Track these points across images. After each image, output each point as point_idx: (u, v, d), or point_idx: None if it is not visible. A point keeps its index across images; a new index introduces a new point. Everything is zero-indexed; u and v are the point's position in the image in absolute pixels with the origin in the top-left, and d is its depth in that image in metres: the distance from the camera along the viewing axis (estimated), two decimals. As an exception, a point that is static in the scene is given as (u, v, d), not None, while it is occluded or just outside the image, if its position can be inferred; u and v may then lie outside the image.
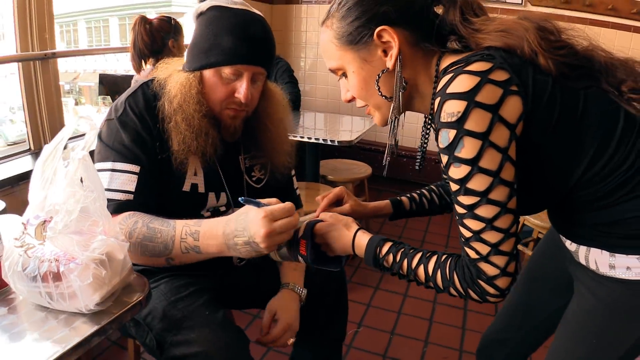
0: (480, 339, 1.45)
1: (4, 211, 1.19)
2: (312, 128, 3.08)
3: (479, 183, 0.81)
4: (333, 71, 1.02)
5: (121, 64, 4.14)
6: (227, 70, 1.20)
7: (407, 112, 1.04)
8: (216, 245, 1.06)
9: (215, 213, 1.33)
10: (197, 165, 1.27)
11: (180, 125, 1.19)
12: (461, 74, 0.81)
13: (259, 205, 1.02)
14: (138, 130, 1.19)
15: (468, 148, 0.79)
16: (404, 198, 1.31)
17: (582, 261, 1.00)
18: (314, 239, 1.06)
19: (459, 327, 2.40)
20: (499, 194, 0.81)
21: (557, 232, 1.08)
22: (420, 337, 2.30)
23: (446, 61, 0.92)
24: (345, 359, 2.13)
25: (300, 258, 1.07)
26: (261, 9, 1.31)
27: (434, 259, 0.93)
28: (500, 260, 0.84)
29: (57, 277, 0.84)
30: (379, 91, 0.96)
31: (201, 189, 1.29)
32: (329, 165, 3.41)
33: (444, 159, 0.84)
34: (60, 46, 2.28)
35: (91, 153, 0.90)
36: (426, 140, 1.08)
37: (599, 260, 0.95)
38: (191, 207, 1.28)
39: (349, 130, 3.09)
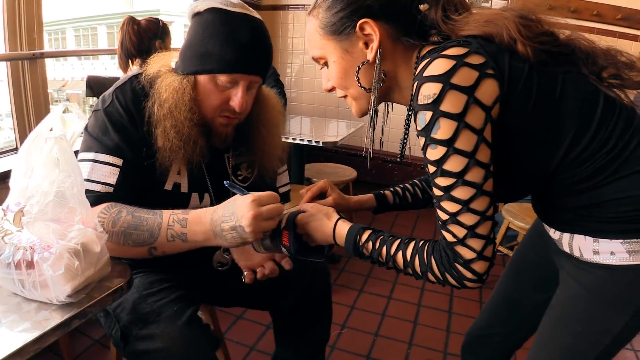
0: (465, 335, 1.45)
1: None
2: (297, 132, 3.11)
3: (454, 164, 0.82)
4: (316, 60, 1.05)
5: (109, 72, 4.15)
6: (223, 78, 1.16)
7: (392, 118, 1.06)
8: (203, 232, 1.04)
9: None
10: (182, 165, 1.24)
11: (169, 132, 1.16)
12: (437, 58, 0.83)
13: (243, 192, 1.03)
14: (124, 124, 1.16)
15: (444, 129, 0.81)
16: (387, 192, 1.32)
17: (566, 249, 1.01)
18: (296, 229, 1.08)
19: (443, 330, 2.40)
20: (474, 175, 0.83)
21: (541, 220, 1.10)
22: (404, 339, 2.31)
23: (424, 52, 0.95)
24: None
25: (283, 249, 1.08)
26: None
27: (412, 244, 0.94)
28: (476, 243, 0.85)
29: (30, 265, 0.82)
30: (358, 82, 0.98)
31: (184, 188, 1.27)
32: (314, 168, 3.44)
33: (421, 141, 0.86)
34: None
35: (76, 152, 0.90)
36: (407, 133, 1.09)
37: (582, 246, 0.96)
38: (172, 206, 1.22)
39: (335, 134, 3.12)
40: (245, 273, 1.25)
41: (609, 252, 0.92)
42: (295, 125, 3.36)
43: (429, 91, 0.82)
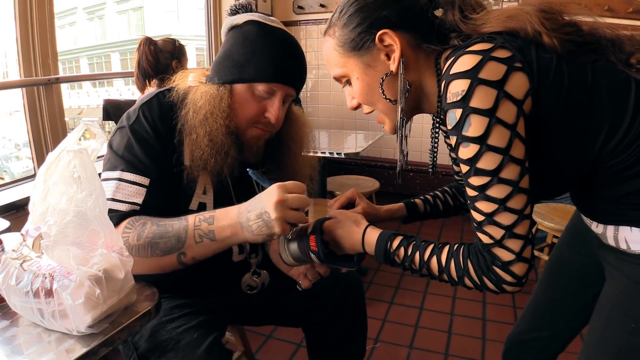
0: (505, 342, 1.40)
1: (7, 230, 1.17)
2: (317, 145, 3.07)
3: (488, 161, 0.79)
4: (337, 79, 1.03)
5: (124, 97, 4.19)
6: (261, 88, 1.15)
7: (412, 126, 1.03)
8: (230, 226, 1.01)
9: None
10: (208, 183, 1.20)
11: (201, 139, 1.13)
12: (463, 55, 0.80)
13: (265, 182, 1.01)
14: (151, 141, 1.12)
15: (475, 126, 0.78)
16: (417, 200, 1.28)
17: (611, 242, 0.96)
18: (323, 235, 1.03)
19: (479, 338, 2.33)
20: (510, 172, 0.79)
21: (584, 214, 1.05)
22: (440, 350, 2.24)
23: (446, 54, 0.92)
24: (364, 375, 2.08)
25: (311, 254, 1.03)
26: None
27: (447, 248, 0.90)
28: (515, 244, 0.81)
29: (49, 293, 0.78)
30: (383, 94, 0.95)
31: (209, 208, 1.20)
32: (336, 181, 3.39)
33: (453, 140, 0.83)
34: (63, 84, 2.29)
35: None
36: (436, 142, 1.06)
37: (629, 238, 0.92)
38: None
39: (354, 146, 3.07)
40: (299, 281, 1.20)
41: None
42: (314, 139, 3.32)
43: (457, 88, 0.79)
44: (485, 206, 0.81)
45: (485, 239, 0.83)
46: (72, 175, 0.80)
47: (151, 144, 1.12)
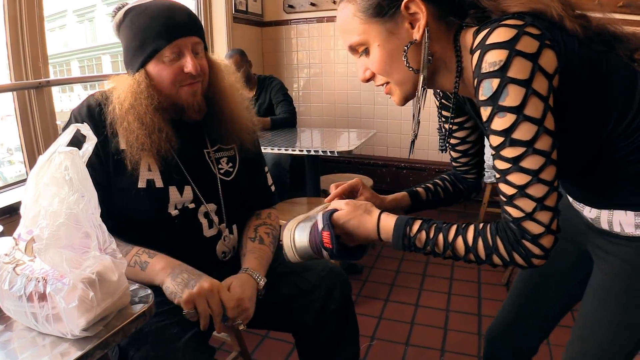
0: (486, 336, 1.42)
1: (0, 234, 1.16)
2: (309, 143, 3.06)
3: (524, 132, 0.80)
4: (353, 49, 0.99)
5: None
6: (166, 52, 1.22)
7: (403, 124, 1.02)
8: (163, 269, 1.16)
9: (184, 211, 1.31)
10: (152, 162, 1.26)
11: (132, 124, 1.21)
12: (498, 27, 0.81)
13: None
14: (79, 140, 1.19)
15: (512, 96, 0.79)
16: (419, 189, 1.25)
17: (605, 226, 0.99)
18: (334, 229, 1.00)
19: (474, 334, 2.34)
20: (543, 143, 0.80)
21: (576, 200, 1.07)
22: (436, 346, 2.25)
23: (470, 32, 0.92)
24: (361, 373, 2.08)
25: (324, 252, 0.99)
26: (251, 32, 1.31)
27: (472, 228, 0.90)
28: (545, 216, 0.82)
29: (42, 297, 0.77)
30: (407, 63, 0.94)
31: (159, 183, 1.27)
32: (330, 179, 3.39)
33: (487, 111, 0.83)
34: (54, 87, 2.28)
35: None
36: (447, 118, 1.06)
37: (623, 221, 0.95)
38: (152, 204, 1.27)
39: (347, 144, 3.06)
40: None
41: None
42: (307, 137, 3.31)
43: (494, 58, 0.80)
44: (519, 178, 0.82)
45: (515, 213, 0.83)
46: (63, 177, 0.79)
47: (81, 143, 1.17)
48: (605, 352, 1.03)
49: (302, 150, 2.67)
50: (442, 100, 1.20)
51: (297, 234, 1.03)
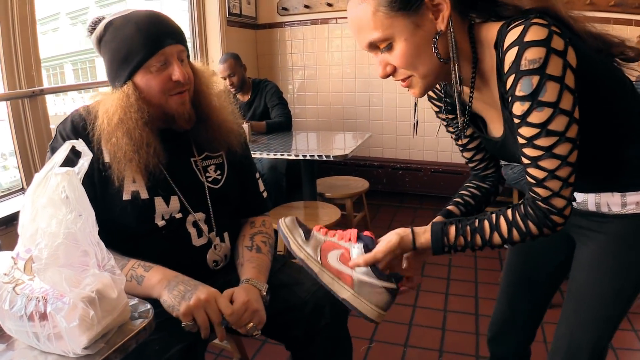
0: (489, 329, 1.48)
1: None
2: (305, 147, 3.06)
3: (559, 123, 0.87)
4: (374, 45, 0.98)
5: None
6: (153, 62, 1.22)
7: (399, 125, 1.04)
8: (160, 281, 1.16)
9: (171, 221, 1.30)
10: (137, 174, 1.26)
11: (121, 140, 1.20)
12: (532, 25, 0.85)
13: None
14: (70, 156, 1.14)
15: (550, 91, 0.86)
16: (449, 207, 1.23)
17: (592, 208, 1.10)
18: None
19: (472, 333, 2.36)
20: (572, 131, 0.89)
21: None
22: (435, 347, 2.26)
23: (490, 27, 0.96)
24: (360, 376, 2.08)
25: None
26: (245, 36, 1.31)
27: (502, 220, 0.98)
28: (568, 191, 0.92)
29: (43, 316, 0.78)
30: (437, 54, 0.95)
31: (144, 195, 1.27)
32: (326, 183, 3.39)
33: (524, 105, 0.88)
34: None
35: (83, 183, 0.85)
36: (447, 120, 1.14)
37: (610, 201, 1.06)
38: (138, 215, 1.27)
39: (342, 147, 3.06)
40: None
41: (636, 202, 1.03)
42: (302, 141, 3.31)
43: (534, 55, 0.85)
44: (550, 163, 0.90)
45: (544, 193, 0.92)
46: (60, 198, 0.79)
47: (71, 158, 1.12)
48: (600, 318, 1.13)
49: (297, 155, 2.67)
50: (443, 102, 1.21)
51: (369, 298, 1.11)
